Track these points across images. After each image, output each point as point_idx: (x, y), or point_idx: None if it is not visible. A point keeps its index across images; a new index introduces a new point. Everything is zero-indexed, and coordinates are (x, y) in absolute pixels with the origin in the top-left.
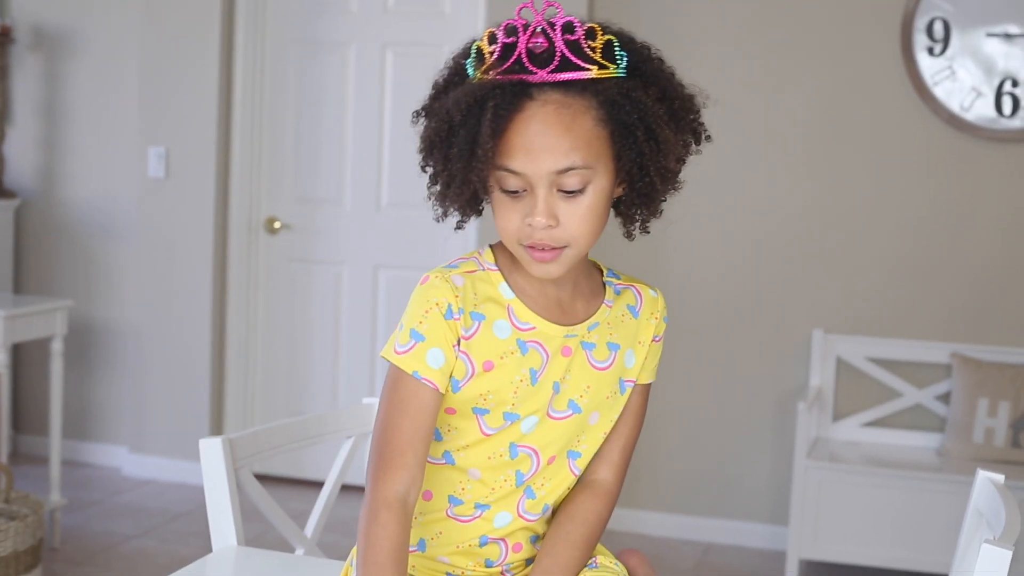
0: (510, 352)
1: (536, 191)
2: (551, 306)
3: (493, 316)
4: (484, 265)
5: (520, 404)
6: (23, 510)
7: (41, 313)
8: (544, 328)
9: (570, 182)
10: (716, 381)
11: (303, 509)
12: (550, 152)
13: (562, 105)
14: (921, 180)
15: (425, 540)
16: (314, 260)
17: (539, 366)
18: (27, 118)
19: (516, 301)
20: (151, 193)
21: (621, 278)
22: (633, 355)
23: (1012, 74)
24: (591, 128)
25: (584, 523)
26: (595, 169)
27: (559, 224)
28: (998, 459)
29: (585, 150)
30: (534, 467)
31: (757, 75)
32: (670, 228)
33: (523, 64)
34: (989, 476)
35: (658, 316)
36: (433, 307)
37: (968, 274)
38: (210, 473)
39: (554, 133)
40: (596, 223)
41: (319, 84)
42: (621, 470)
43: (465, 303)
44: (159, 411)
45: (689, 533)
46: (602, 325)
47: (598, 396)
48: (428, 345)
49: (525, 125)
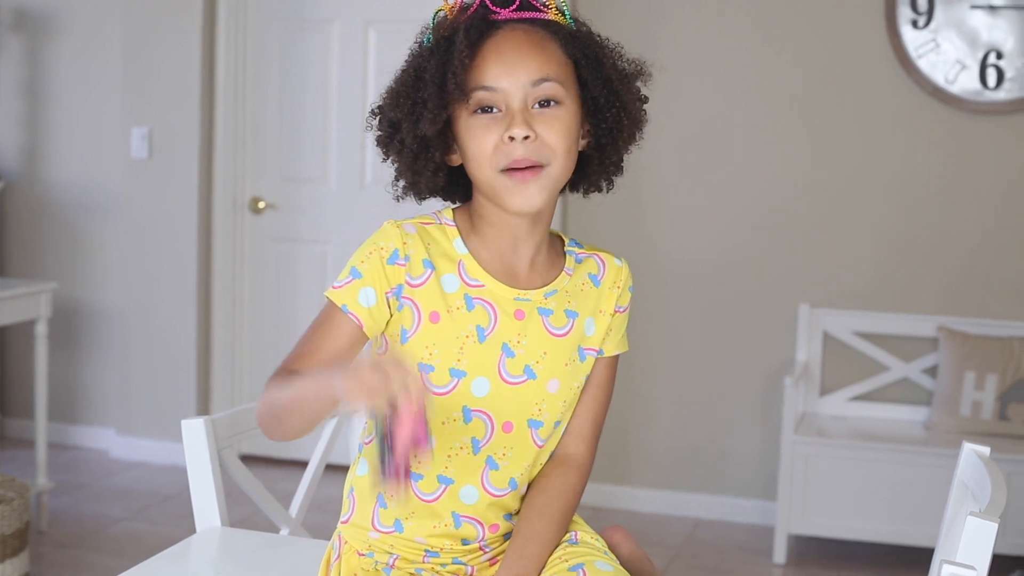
0: (456, 307)
1: (512, 106)
2: (505, 269)
3: (443, 269)
4: (441, 220)
5: (467, 361)
6: (9, 494)
7: (25, 296)
8: (493, 288)
9: (545, 92)
10: (703, 357)
11: (290, 489)
12: (525, 64)
13: (530, 30)
14: (906, 153)
15: (400, 520)
16: (299, 239)
17: (487, 324)
18: (10, 99)
19: (468, 257)
20: (135, 173)
21: (584, 247)
22: (593, 323)
23: (996, 46)
24: (558, 52)
25: (558, 496)
26: (566, 90)
27: (537, 138)
28: (985, 432)
29: (556, 66)
30: (489, 433)
31: (741, 50)
32: (655, 202)
33: (486, 6)
34: (975, 449)
35: (621, 285)
36: (378, 250)
37: (954, 247)
38: (193, 454)
39: (527, 48)
40: (570, 144)
41: (302, 62)
42: (592, 443)
43: (415, 251)
44: (146, 393)
45: (678, 509)
46: (560, 292)
47: (556, 363)
48: (362, 283)
49: (497, 45)
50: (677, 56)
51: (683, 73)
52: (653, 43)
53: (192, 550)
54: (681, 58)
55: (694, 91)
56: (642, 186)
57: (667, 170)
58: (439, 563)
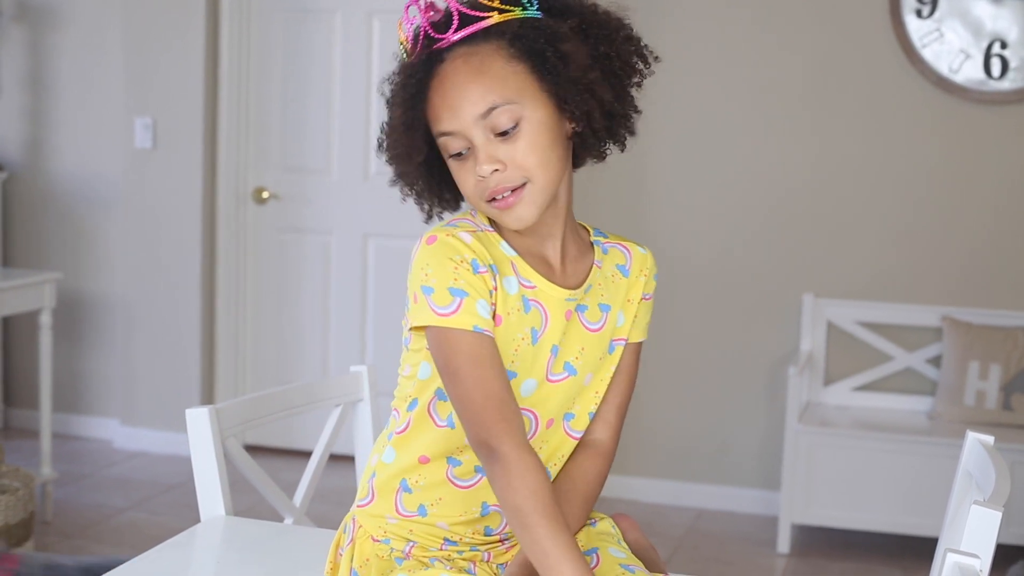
0: (516, 309)
1: (474, 143)
2: (547, 267)
3: (504, 272)
4: (481, 226)
5: (519, 363)
6: (14, 484)
7: (29, 286)
8: (544, 288)
9: (499, 122)
10: (707, 347)
11: (294, 479)
12: (466, 100)
13: (468, 55)
14: (910, 143)
15: (425, 506)
16: (303, 230)
17: (540, 326)
18: (12, 90)
19: (518, 259)
20: (138, 164)
21: (608, 237)
22: (623, 315)
23: (1000, 36)
24: (503, 66)
25: (583, 482)
26: (521, 103)
27: (506, 166)
28: (989, 422)
29: (501, 87)
30: (533, 430)
31: (744, 41)
32: (659, 193)
33: (431, 36)
34: (979, 438)
35: (647, 273)
36: (460, 263)
37: (958, 237)
38: (197, 443)
39: (464, 82)
40: (545, 154)
41: (306, 52)
42: (616, 429)
43: (481, 257)
44: (149, 383)
45: (681, 499)
46: (595, 287)
47: (592, 358)
48: (474, 298)
49: (441, 86)
50: (680, 48)
51: (686, 64)
52: (655, 36)
53: (196, 539)
54: (684, 50)
55: (697, 82)
56: (646, 176)
57: (671, 161)
58: (455, 551)
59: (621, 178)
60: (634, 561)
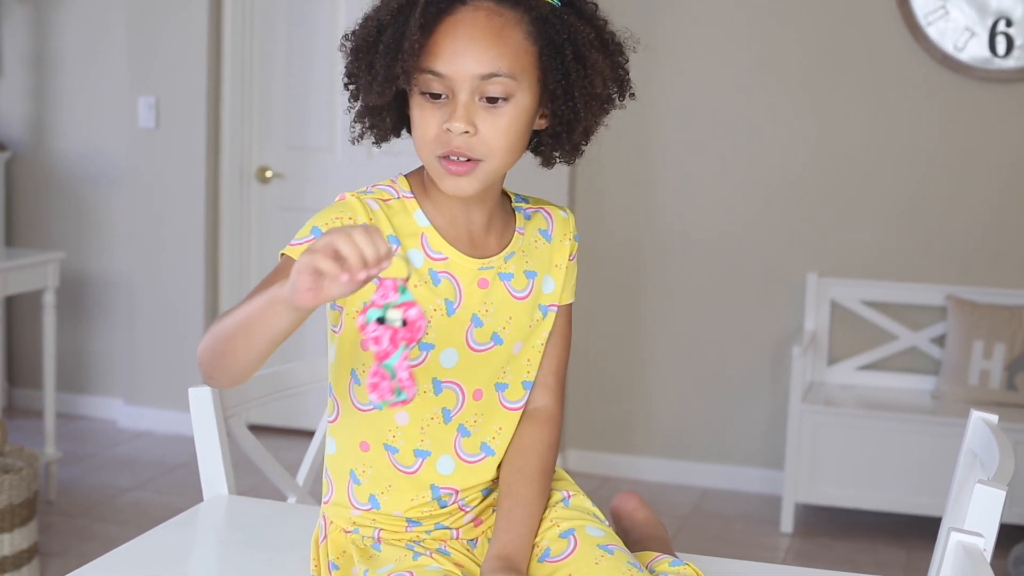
0: (423, 282)
1: (457, 96)
2: (462, 237)
3: (408, 244)
4: (399, 192)
5: (435, 334)
6: (18, 463)
7: (33, 266)
8: (456, 259)
9: (493, 89)
10: (711, 326)
11: (297, 458)
12: (476, 56)
13: (494, 13)
14: (915, 121)
15: (375, 496)
16: (306, 208)
17: (454, 297)
18: (16, 69)
19: (430, 229)
20: (142, 143)
21: (530, 202)
22: (551, 280)
23: (1006, 13)
24: (520, 41)
25: (534, 453)
26: (519, 83)
27: (477, 133)
28: (993, 401)
29: (511, 60)
30: (460, 402)
31: (747, 19)
32: (663, 173)
33: None
34: (983, 416)
35: (570, 236)
36: (345, 219)
37: (963, 216)
38: (200, 422)
39: (482, 37)
40: (514, 140)
41: (309, 30)
42: (558, 393)
43: (380, 226)
44: (153, 362)
45: (685, 478)
46: (517, 254)
47: (520, 326)
48: None
49: (454, 27)
50: (683, 27)
51: (690, 44)
52: (658, 17)
53: (199, 518)
54: (687, 30)
55: (700, 62)
56: (651, 157)
57: (675, 141)
58: (423, 531)
59: (625, 158)
60: (613, 540)
